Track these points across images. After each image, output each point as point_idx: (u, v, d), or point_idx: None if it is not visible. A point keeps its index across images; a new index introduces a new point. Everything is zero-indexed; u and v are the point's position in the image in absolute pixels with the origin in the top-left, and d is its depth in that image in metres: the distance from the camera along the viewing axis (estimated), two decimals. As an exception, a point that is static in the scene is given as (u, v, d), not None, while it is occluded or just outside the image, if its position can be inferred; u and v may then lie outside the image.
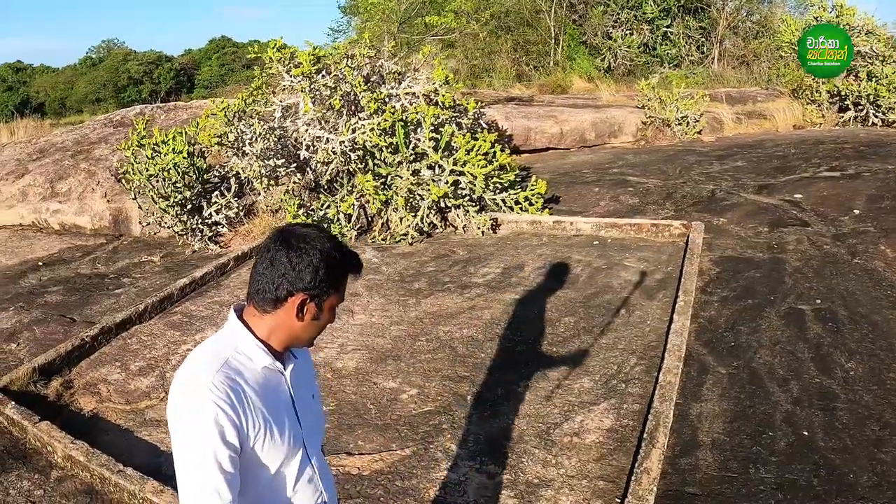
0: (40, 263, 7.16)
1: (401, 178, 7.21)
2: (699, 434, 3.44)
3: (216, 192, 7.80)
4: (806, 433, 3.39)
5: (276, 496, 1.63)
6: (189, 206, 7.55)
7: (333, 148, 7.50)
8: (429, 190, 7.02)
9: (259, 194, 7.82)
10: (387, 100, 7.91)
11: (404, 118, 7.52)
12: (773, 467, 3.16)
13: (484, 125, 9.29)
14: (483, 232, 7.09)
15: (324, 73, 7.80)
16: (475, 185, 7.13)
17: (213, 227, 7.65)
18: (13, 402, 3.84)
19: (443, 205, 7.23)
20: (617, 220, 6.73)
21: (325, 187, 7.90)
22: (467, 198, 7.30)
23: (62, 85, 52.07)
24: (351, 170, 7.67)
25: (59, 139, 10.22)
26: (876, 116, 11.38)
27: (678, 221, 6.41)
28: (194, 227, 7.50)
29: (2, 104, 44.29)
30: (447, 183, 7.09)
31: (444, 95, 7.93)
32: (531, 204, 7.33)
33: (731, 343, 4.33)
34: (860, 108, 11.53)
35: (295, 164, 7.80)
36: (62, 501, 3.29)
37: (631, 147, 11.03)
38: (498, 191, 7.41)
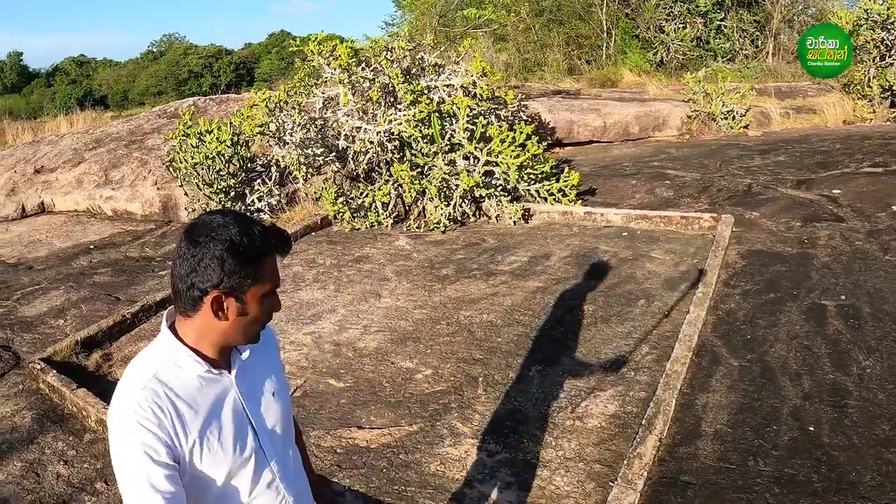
0: (92, 247, 7.55)
1: (436, 167, 7.33)
2: (702, 424, 3.46)
3: (258, 181, 8.06)
4: (812, 429, 3.36)
5: None
6: (233, 194, 7.84)
7: (371, 138, 7.67)
8: (461, 180, 7.13)
9: (299, 182, 8.05)
10: (425, 91, 8.03)
11: (440, 109, 7.64)
12: (772, 461, 3.16)
13: (524, 117, 9.32)
14: (514, 222, 7.16)
15: (363, 65, 7.97)
16: (509, 176, 7.20)
17: (255, 214, 7.91)
18: (54, 371, 4.13)
19: (477, 194, 7.31)
20: (647, 212, 6.71)
21: (364, 176, 8.09)
22: (501, 188, 7.38)
23: (124, 78, 53.93)
24: (388, 159, 7.83)
25: (114, 129, 10.70)
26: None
27: (708, 214, 6.35)
28: (238, 213, 7.78)
29: (65, 96, 46.13)
30: (480, 173, 7.17)
31: (482, 87, 8.01)
32: (564, 195, 7.35)
33: (747, 336, 4.31)
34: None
35: (334, 154, 8.00)
36: (92, 461, 3.54)
37: (674, 141, 10.89)
38: (532, 181, 7.46)
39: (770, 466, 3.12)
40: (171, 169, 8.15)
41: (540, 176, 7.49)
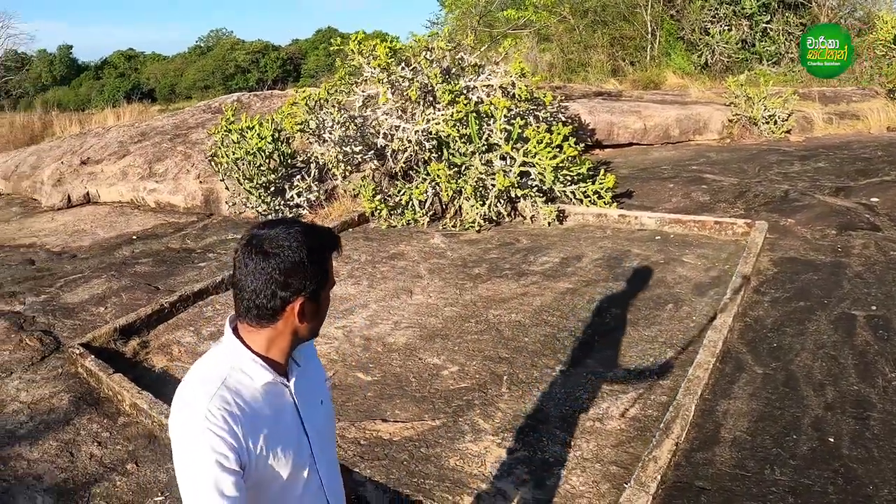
0: (134, 237, 7.83)
1: (473, 167, 7.41)
2: (721, 431, 3.48)
3: (298, 177, 8.24)
4: (832, 440, 3.36)
5: None
6: (272, 189, 8.02)
7: (409, 137, 7.78)
8: (496, 180, 7.19)
9: (338, 179, 8.20)
10: (464, 92, 8.11)
11: (478, 110, 7.71)
12: (789, 470, 3.16)
13: (563, 118, 9.34)
14: (549, 223, 7.20)
15: (403, 64, 8.08)
16: (545, 177, 7.24)
17: (294, 209, 8.09)
18: (92, 356, 4.34)
19: (512, 194, 7.37)
20: (681, 216, 6.70)
21: (402, 174, 8.21)
22: (536, 188, 7.43)
23: (172, 72, 54.94)
24: (426, 158, 7.94)
25: (159, 123, 11.02)
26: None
27: (742, 220, 6.31)
28: (277, 208, 7.96)
29: (114, 89, 47.21)
30: (516, 174, 7.23)
31: (520, 88, 8.06)
32: (600, 197, 7.36)
33: (773, 344, 4.30)
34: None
35: (373, 152, 8.14)
36: (124, 443, 3.73)
37: (715, 145, 10.77)
38: (568, 183, 7.48)
39: (786, 476, 3.12)
40: (213, 163, 8.39)
41: (576, 177, 7.52)
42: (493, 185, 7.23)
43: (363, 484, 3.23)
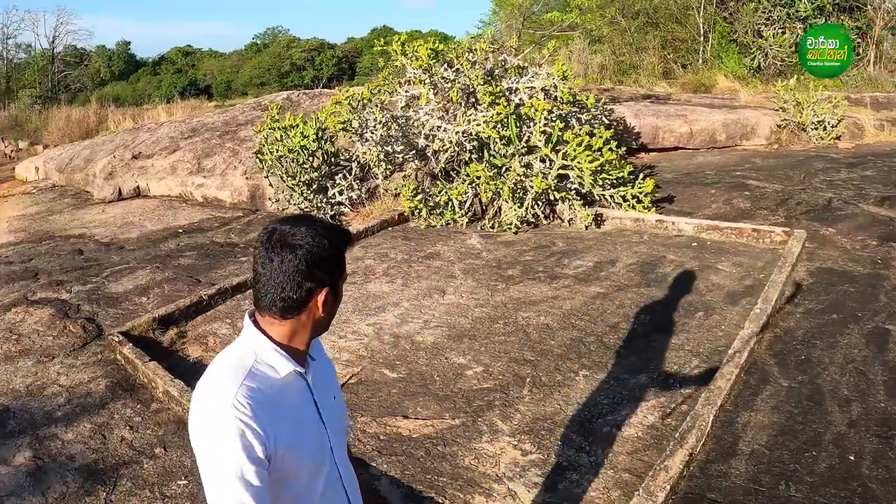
0: (180, 231, 8.09)
1: (512, 169, 7.44)
2: (739, 443, 3.45)
3: (340, 175, 8.39)
4: (852, 458, 3.30)
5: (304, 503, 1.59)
6: (315, 186, 8.19)
7: (450, 137, 7.85)
8: (533, 182, 7.21)
9: (379, 178, 8.32)
10: (505, 93, 8.14)
11: (518, 112, 7.74)
12: (805, 487, 3.12)
13: (606, 121, 9.29)
14: (587, 226, 7.19)
15: (445, 65, 8.16)
16: (584, 180, 7.23)
17: (336, 207, 8.25)
18: (130, 344, 4.55)
19: (552, 197, 7.37)
20: (719, 223, 6.61)
21: (443, 175, 8.28)
22: (575, 191, 7.42)
23: (228, 69, 55.91)
24: (467, 159, 8.00)
25: (210, 120, 11.34)
26: None
27: (780, 228, 6.19)
28: (319, 205, 8.13)
29: (170, 85, 48.34)
30: (554, 177, 7.23)
31: (562, 91, 8.06)
32: (639, 201, 7.31)
33: (801, 356, 4.23)
34: None
35: (414, 152, 8.24)
36: (155, 429, 3.91)
37: (762, 150, 10.53)
38: (607, 186, 7.45)
39: (801, 493, 3.09)
40: (257, 160, 8.61)
41: (616, 181, 7.48)
42: (531, 188, 7.25)
43: (378, 478, 3.32)
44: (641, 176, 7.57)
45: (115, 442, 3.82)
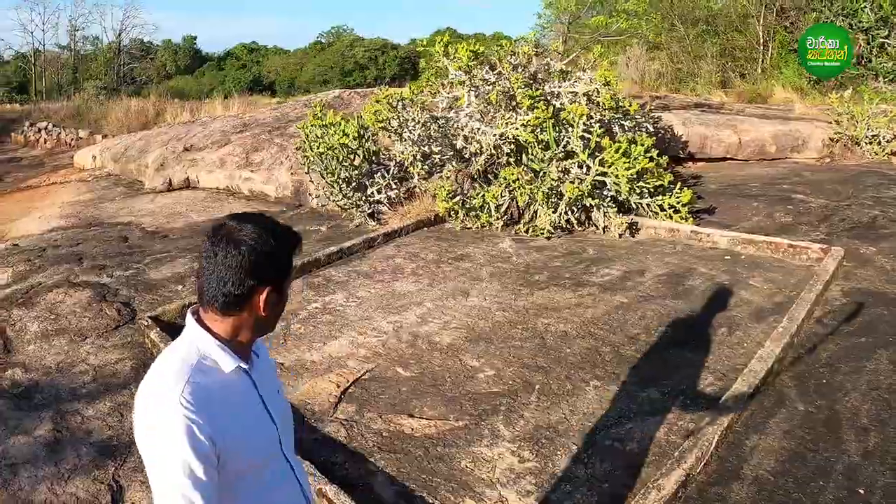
0: (224, 223, 8.28)
1: (548, 174, 7.39)
2: (744, 467, 3.35)
3: (379, 174, 8.47)
4: (862, 491, 3.15)
5: (256, 496, 1.59)
6: (354, 184, 8.29)
7: (487, 140, 7.84)
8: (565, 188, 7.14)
9: (415, 178, 8.37)
10: (545, 97, 8.09)
11: (557, 116, 7.67)
12: (808, 517, 3.02)
13: (650, 129, 9.14)
14: (620, 234, 7.10)
15: (487, 68, 8.15)
16: (620, 187, 7.13)
17: (374, 205, 8.33)
18: (158, 328, 4.71)
19: (587, 203, 7.30)
20: (754, 236, 6.42)
21: (481, 177, 8.28)
22: (611, 198, 7.32)
23: (292, 66, 56.89)
24: (505, 162, 7.98)
25: (262, 115, 11.61)
26: None
27: (817, 245, 5.97)
28: (358, 203, 8.22)
29: (235, 81, 49.49)
30: (589, 183, 7.15)
31: (604, 97, 7.96)
32: (676, 211, 7.17)
33: (823, 380, 4.08)
34: None
35: (452, 153, 8.25)
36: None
37: (812, 164, 10.18)
38: (645, 195, 7.34)
39: (802, 521, 2.99)
40: (300, 156, 8.76)
41: (654, 190, 7.36)
42: (565, 193, 7.19)
43: (374, 474, 3.35)
44: (679, 186, 7.42)
45: (131, 421, 3.94)
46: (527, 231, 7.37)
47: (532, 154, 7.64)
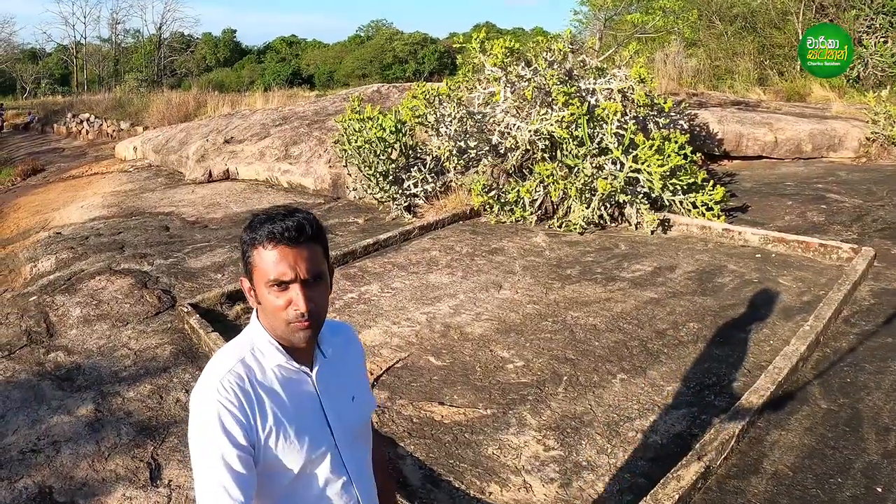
0: (262, 214, 8.53)
1: (582, 170, 7.48)
2: (764, 461, 3.44)
3: (415, 168, 8.63)
4: (879, 489, 3.21)
5: (299, 500, 1.57)
6: (391, 177, 8.46)
7: (522, 135, 7.95)
8: (598, 184, 7.22)
9: (450, 172, 8.51)
10: (581, 94, 8.16)
11: (592, 112, 7.75)
12: (823, 512, 3.10)
13: (685, 126, 9.14)
14: (652, 231, 7.16)
15: (523, 64, 8.25)
16: (653, 184, 7.19)
17: (410, 199, 8.49)
18: (198, 315, 4.94)
19: (620, 199, 7.37)
20: (785, 235, 6.43)
21: (517, 172, 8.39)
22: (644, 195, 7.38)
23: (331, 59, 57.30)
24: (540, 158, 8.08)
25: (301, 108, 11.84)
26: None
27: (849, 245, 5.97)
28: (394, 196, 8.39)
29: (274, 74, 50.06)
30: (622, 180, 7.22)
31: (638, 94, 8.01)
32: (709, 209, 7.21)
33: (847, 379, 4.13)
34: None
35: (488, 148, 8.38)
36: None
37: (848, 163, 10.05)
38: (678, 192, 7.38)
39: (818, 515, 3.08)
40: (338, 149, 8.96)
41: (687, 187, 7.40)
42: (596, 190, 7.27)
43: (403, 458, 3.52)
44: (711, 183, 7.43)
45: (171, 403, 4.18)
46: (560, 226, 7.47)
47: (566, 150, 7.73)
